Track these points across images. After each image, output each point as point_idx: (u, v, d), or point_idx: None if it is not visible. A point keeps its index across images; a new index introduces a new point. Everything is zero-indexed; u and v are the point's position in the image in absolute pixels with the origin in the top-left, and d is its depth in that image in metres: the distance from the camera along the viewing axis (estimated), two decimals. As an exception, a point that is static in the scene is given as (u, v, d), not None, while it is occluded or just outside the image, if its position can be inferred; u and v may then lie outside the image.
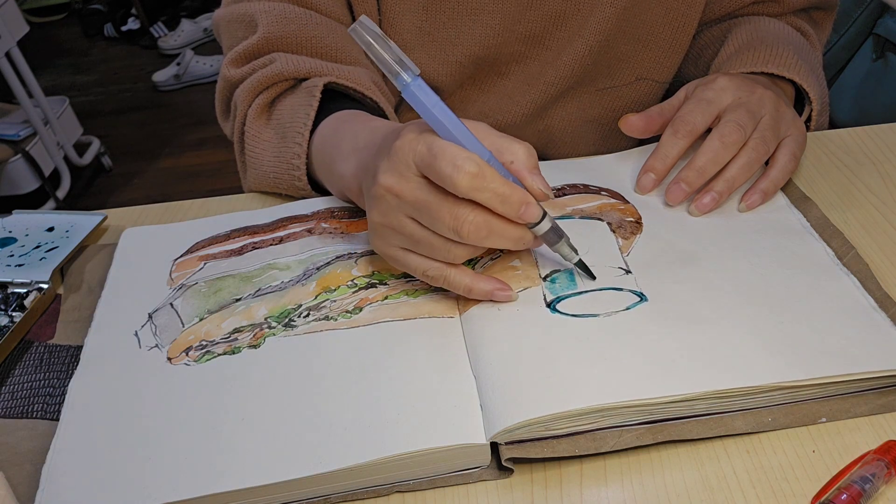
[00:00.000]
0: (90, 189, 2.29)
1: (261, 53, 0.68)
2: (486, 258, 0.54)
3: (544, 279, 0.51)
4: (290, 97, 0.66)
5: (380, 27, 0.71)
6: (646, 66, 0.77)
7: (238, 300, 0.55)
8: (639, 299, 0.49)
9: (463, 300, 0.52)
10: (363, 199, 0.53)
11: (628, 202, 0.59)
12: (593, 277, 0.51)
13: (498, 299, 0.50)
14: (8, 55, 1.92)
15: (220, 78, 0.71)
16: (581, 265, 0.51)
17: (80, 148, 2.24)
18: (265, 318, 0.53)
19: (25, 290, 0.59)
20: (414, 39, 0.71)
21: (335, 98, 0.64)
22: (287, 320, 0.52)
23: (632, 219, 0.57)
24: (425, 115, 0.46)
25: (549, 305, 0.49)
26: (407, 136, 0.47)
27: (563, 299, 0.50)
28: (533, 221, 0.47)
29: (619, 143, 0.79)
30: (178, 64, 2.76)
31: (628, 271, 0.52)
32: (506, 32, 0.71)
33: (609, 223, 0.56)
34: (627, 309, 0.49)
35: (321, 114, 0.63)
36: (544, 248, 0.53)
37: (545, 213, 0.48)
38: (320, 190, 0.65)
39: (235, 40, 0.70)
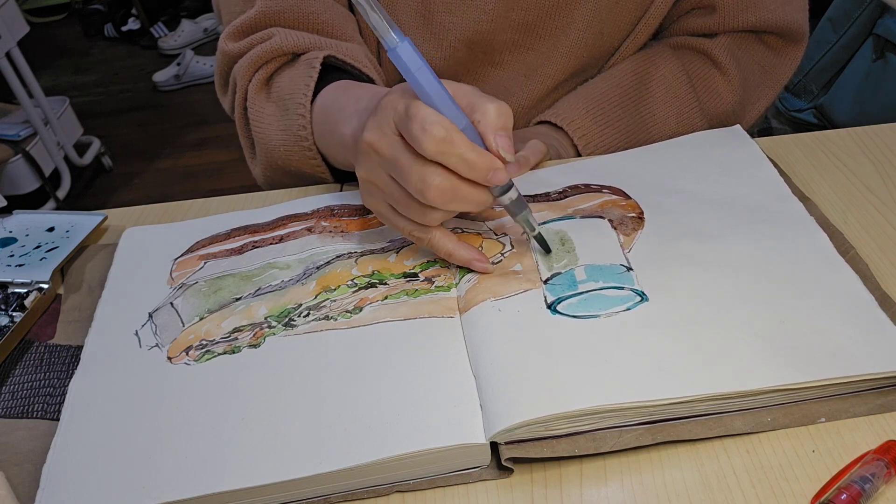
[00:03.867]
0: (90, 189, 2.29)
1: (258, 27, 0.69)
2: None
3: (545, 282, 0.51)
4: (288, 70, 0.67)
5: None
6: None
7: (238, 299, 0.55)
8: (640, 299, 0.49)
9: (463, 300, 0.52)
10: None
11: (630, 198, 0.59)
12: (549, 251, 0.54)
13: (475, 268, 0.53)
14: (8, 55, 1.92)
15: (218, 52, 0.72)
16: (539, 238, 0.53)
17: (81, 148, 2.24)
18: (265, 318, 0.53)
19: (26, 290, 0.59)
20: (410, 22, 0.72)
21: (331, 72, 0.65)
22: (287, 320, 0.52)
23: (633, 214, 0.57)
24: (409, 77, 0.47)
25: (549, 307, 0.49)
26: (392, 96, 0.49)
27: (563, 300, 0.50)
28: (500, 185, 0.48)
29: None
30: (179, 64, 2.75)
31: (629, 268, 0.52)
32: (499, 19, 0.72)
33: (610, 220, 0.56)
34: (628, 309, 0.49)
35: (318, 86, 0.64)
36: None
37: (512, 183, 0.50)
38: (328, 163, 0.66)
39: (233, 14, 0.71)
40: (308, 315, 0.53)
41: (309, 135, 0.63)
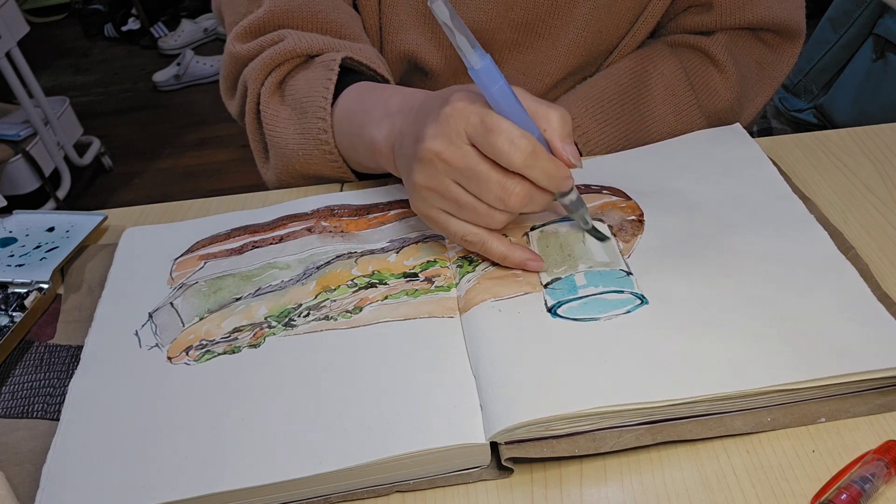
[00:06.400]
0: (90, 189, 2.29)
1: (267, 27, 0.68)
2: (487, 263, 0.54)
3: (545, 286, 0.51)
4: (303, 73, 0.66)
5: (378, 6, 0.71)
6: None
7: (238, 299, 0.55)
8: (639, 302, 0.49)
9: (463, 300, 0.52)
10: (393, 162, 0.56)
11: (630, 199, 0.59)
12: (606, 238, 0.55)
13: (530, 269, 0.53)
14: (8, 55, 1.92)
15: (225, 54, 0.71)
16: (594, 231, 0.55)
17: (81, 148, 2.24)
18: (265, 318, 0.53)
19: (26, 290, 0.59)
20: (410, 20, 0.72)
21: (346, 73, 0.65)
22: (287, 320, 0.52)
23: (633, 217, 0.57)
24: (488, 94, 0.47)
25: (549, 310, 0.49)
26: (458, 104, 0.49)
27: (563, 304, 0.50)
28: (567, 191, 0.51)
29: None
30: (179, 64, 2.76)
31: (629, 273, 0.52)
32: (499, 18, 0.72)
33: (610, 225, 0.56)
34: (628, 312, 0.49)
35: (335, 88, 0.63)
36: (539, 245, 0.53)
37: (574, 185, 0.51)
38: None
39: (239, 15, 0.70)
40: (308, 315, 0.53)
41: (330, 138, 0.63)
